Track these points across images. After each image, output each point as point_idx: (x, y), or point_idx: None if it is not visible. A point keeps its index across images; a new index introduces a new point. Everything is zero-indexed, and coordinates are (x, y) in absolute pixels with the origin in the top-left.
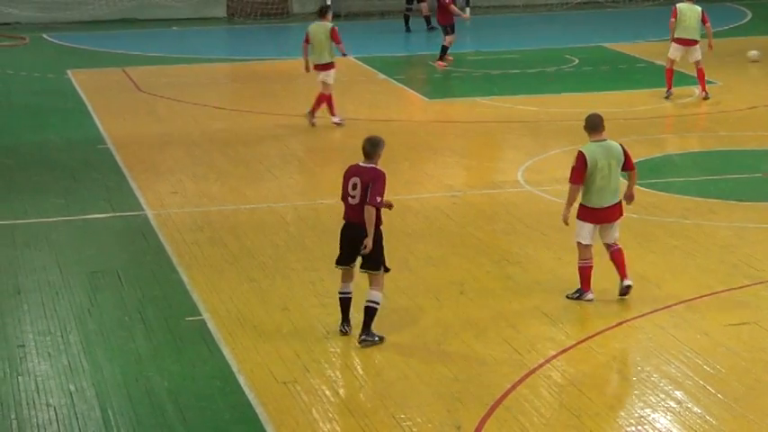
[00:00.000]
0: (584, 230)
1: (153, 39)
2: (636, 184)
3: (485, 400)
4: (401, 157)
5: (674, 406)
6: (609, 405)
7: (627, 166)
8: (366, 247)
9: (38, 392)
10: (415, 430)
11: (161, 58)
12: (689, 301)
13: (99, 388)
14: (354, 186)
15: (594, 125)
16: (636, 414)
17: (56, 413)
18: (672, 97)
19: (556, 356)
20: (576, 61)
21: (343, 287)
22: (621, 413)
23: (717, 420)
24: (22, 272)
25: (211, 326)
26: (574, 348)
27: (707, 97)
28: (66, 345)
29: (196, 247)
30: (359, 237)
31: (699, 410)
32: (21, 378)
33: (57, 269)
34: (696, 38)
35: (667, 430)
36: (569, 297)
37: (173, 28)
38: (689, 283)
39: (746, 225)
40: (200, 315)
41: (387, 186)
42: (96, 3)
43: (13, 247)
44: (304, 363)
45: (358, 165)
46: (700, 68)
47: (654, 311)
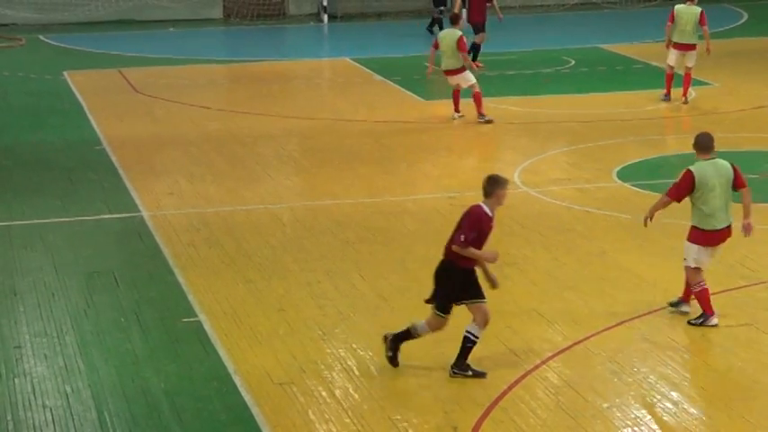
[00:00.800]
0: (695, 253)
1: (150, 40)
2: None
3: (481, 401)
4: (398, 159)
5: (671, 407)
6: (605, 406)
7: (738, 184)
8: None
9: (34, 394)
10: (411, 431)
11: (158, 59)
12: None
13: (95, 389)
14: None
15: (705, 145)
16: (632, 415)
17: (52, 414)
18: (669, 101)
19: (552, 357)
20: (573, 62)
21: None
22: (618, 414)
23: (713, 421)
24: (18, 273)
25: (208, 327)
26: (570, 349)
27: (686, 102)
28: (63, 346)
29: (192, 249)
30: (440, 270)
31: (695, 411)
32: (17, 379)
33: (53, 270)
34: (693, 42)
35: (663, 431)
36: (691, 323)
37: (169, 29)
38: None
39: None
40: (197, 316)
41: (385, 187)
42: (93, 4)
43: (10, 248)
44: (300, 364)
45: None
46: (688, 73)
47: (650, 312)
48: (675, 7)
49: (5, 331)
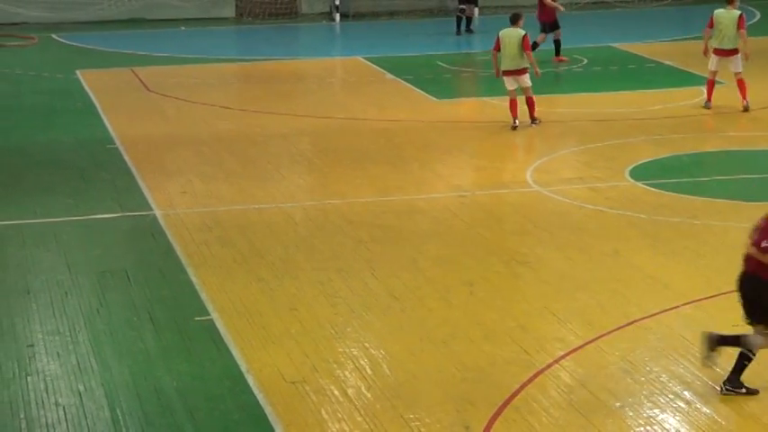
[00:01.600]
0: None
1: (162, 39)
2: None
3: (494, 400)
4: (410, 158)
5: (683, 406)
6: (618, 405)
7: None
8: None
9: (47, 392)
10: (423, 430)
11: (170, 58)
12: (698, 301)
13: (108, 387)
14: (754, 230)
15: None
16: (644, 414)
17: (65, 413)
18: (710, 108)
19: (564, 357)
20: (585, 61)
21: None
22: (630, 413)
23: (726, 421)
24: (31, 272)
25: (220, 326)
26: (582, 349)
27: (746, 110)
28: (76, 344)
29: (205, 247)
30: (749, 289)
31: (708, 411)
32: (30, 378)
33: (66, 269)
34: (734, 46)
35: (676, 431)
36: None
37: (181, 28)
38: (698, 284)
39: None
40: (209, 315)
41: (397, 186)
42: (105, 3)
43: (23, 247)
44: (313, 363)
45: None
46: (740, 80)
47: (662, 312)
48: (715, 12)
49: (18, 330)
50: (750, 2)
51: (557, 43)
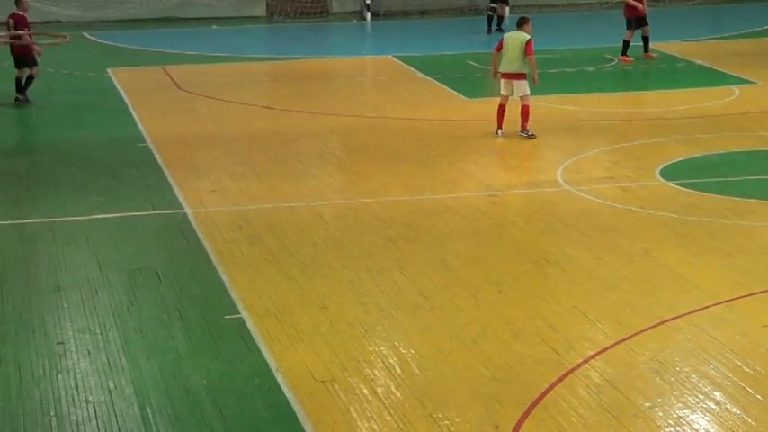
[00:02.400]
0: None
1: (193, 37)
2: None
3: (523, 399)
4: (440, 157)
5: (713, 407)
6: (647, 405)
7: None
8: None
9: (77, 389)
10: (452, 429)
11: (201, 56)
12: (728, 301)
13: (138, 385)
14: None
15: None
16: (674, 415)
17: (95, 410)
18: None
19: (594, 356)
20: (616, 61)
21: None
22: (660, 413)
23: (756, 422)
24: (61, 269)
25: (250, 324)
26: (612, 348)
27: None
28: (106, 342)
29: (235, 246)
30: None
31: (738, 411)
32: (60, 375)
33: (96, 267)
34: None
35: (706, 431)
36: None
37: (212, 27)
38: (728, 284)
39: None
40: (239, 313)
41: (427, 185)
42: (137, 1)
43: (54, 245)
44: (342, 361)
45: None
46: None
47: (693, 312)
48: None
49: (49, 327)
50: None
51: (645, 40)
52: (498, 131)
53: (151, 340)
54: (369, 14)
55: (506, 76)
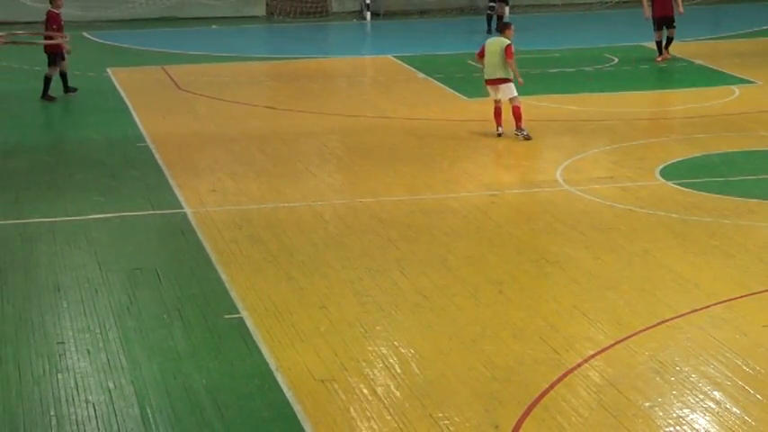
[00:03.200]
0: None
1: (193, 37)
2: None
3: (523, 399)
4: (440, 157)
5: (713, 407)
6: (647, 405)
7: None
8: None
9: (77, 389)
10: (452, 429)
11: (201, 56)
12: (728, 301)
13: (138, 385)
14: None
15: None
16: (674, 414)
17: (95, 410)
18: None
19: (594, 356)
20: (616, 60)
21: None
22: (660, 413)
23: (756, 421)
24: (61, 269)
25: (250, 324)
26: (612, 348)
27: None
28: (106, 342)
29: (235, 245)
30: None
31: (738, 411)
32: (60, 375)
33: (96, 266)
34: None
35: (706, 431)
36: None
37: (212, 26)
38: (728, 284)
39: None
40: (239, 313)
41: (427, 185)
42: (137, 1)
43: (53, 245)
44: (342, 361)
45: None
46: None
47: (692, 312)
48: None
49: (49, 327)
50: None
51: (668, 40)
52: (499, 129)
53: (151, 340)
54: (369, 14)
55: (491, 82)
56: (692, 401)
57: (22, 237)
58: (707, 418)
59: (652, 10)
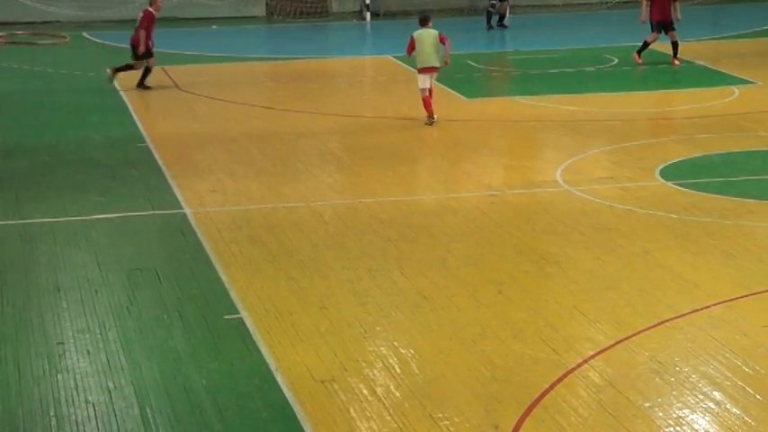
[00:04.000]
0: None
1: (192, 37)
2: None
3: (523, 399)
4: (440, 156)
5: (713, 407)
6: (647, 405)
7: None
8: None
9: (77, 390)
10: (452, 429)
11: (200, 56)
12: (728, 301)
13: (137, 385)
14: None
15: None
16: (674, 415)
17: (94, 410)
18: None
19: (594, 356)
20: (616, 61)
21: None
22: (659, 413)
23: (755, 422)
24: (61, 269)
25: (249, 324)
26: (612, 348)
27: None
28: (105, 342)
29: (235, 246)
30: None
31: (737, 411)
32: (60, 375)
33: (96, 267)
34: None
35: (705, 431)
36: None
37: (212, 27)
38: (728, 284)
39: None
40: (239, 313)
41: (426, 185)
42: (137, 1)
43: (53, 245)
44: (342, 361)
45: None
46: None
47: (692, 312)
48: None
49: (49, 327)
50: None
51: (673, 45)
52: (432, 117)
53: (151, 340)
54: (368, 14)
55: (427, 70)
56: (691, 402)
57: (22, 237)
58: (707, 418)
59: (651, 13)
